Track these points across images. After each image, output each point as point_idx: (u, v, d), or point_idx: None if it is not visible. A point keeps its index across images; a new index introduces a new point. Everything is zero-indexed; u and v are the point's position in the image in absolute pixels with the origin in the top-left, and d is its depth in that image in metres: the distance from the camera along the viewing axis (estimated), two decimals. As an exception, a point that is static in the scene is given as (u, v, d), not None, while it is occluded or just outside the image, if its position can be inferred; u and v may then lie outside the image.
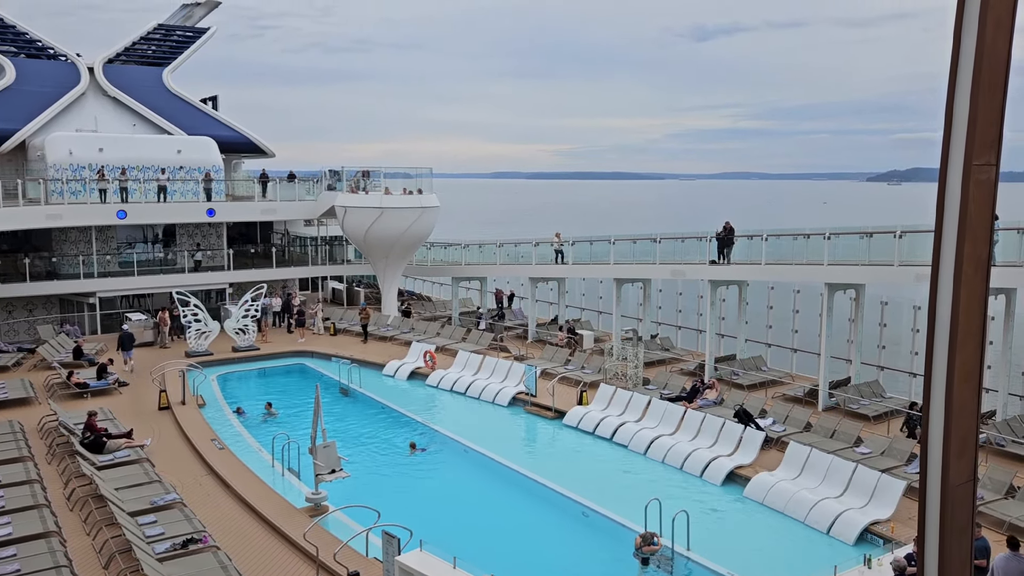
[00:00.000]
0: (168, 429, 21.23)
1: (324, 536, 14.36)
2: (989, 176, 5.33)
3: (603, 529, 16.09)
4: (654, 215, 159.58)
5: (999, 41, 5.17)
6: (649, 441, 20.06)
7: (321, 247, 39.65)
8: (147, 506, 15.14)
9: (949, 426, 5.52)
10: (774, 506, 16.51)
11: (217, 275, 35.17)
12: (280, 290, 36.60)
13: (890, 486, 15.79)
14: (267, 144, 42.46)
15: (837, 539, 15.10)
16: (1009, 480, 15.87)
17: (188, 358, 27.96)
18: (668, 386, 24.12)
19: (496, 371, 26.25)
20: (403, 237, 33.32)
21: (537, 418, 23.33)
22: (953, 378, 5.46)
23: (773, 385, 24.86)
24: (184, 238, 36.50)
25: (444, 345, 29.98)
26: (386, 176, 35.81)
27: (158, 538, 13.68)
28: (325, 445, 16.52)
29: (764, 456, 18.74)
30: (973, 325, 5.53)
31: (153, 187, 34.05)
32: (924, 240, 20.58)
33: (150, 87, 40.60)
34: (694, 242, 27.77)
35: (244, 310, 30.11)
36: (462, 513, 17.04)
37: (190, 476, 17.88)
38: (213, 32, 44.97)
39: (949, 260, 5.39)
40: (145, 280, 33.38)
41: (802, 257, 24.12)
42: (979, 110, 5.19)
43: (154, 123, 38.86)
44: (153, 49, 43.25)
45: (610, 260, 30.07)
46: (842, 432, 19.31)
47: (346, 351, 29.69)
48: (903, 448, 17.88)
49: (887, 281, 22.65)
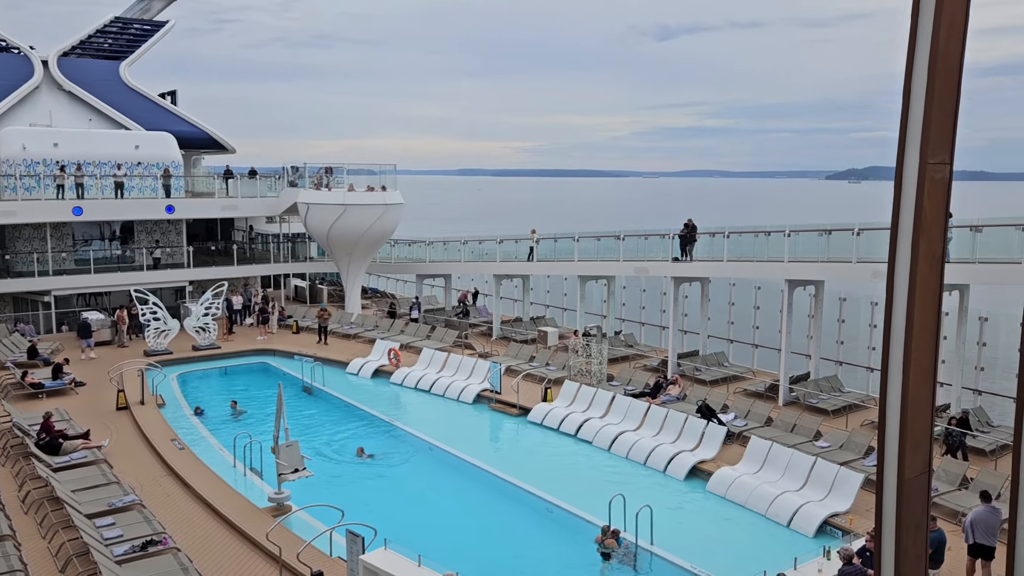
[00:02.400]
0: (126, 430, 20.86)
1: (287, 536, 14.22)
2: (943, 174, 5.45)
3: (567, 525, 16.17)
4: (618, 212, 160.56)
5: (952, 44, 5.29)
6: (613, 437, 20.19)
7: (283, 244, 39.23)
8: (105, 508, 14.86)
9: (905, 420, 5.64)
10: (736, 500, 16.74)
11: (177, 273, 34.59)
12: (241, 288, 36.13)
13: (848, 479, 16.09)
14: (228, 140, 41.87)
15: (797, 532, 15.35)
16: (963, 472, 16.26)
17: (147, 357, 27.49)
18: (632, 382, 24.30)
19: (461, 368, 26.22)
20: (367, 234, 33.10)
21: (502, 415, 23.35)
22: (908, 373, 5.58)
23: (735, 381, 25.17)
24: (142, 235, 35.85)
25: (409, 343, 29.87)
26: (349, 173, 35.56)
27: (116, 540, 13.44)
28: (288, 444, 16.36)
29: (726, 451, 18.97)
30: (928, 320, 5.66)
31: (110, 183, 33.40)
32: (881, 237, 20.97)
33: (107, 81, 39.78)
34: (657, 239, 28.00)
35: (205, 308, 29.67)
36: (427, 511, 17.01)
37: (149, 477, 17.59)
38: (171, 26, 44.21)
39: (905, 257, 5.50)
40: (102, 278, 32.69)
41: (763, 254, 24.45)
42: (933, 110, 5.30)
43: (111, 118, 38.08)
44: (110, 42, 42.40)
45: (574, 257, 30.19)
46: (802, 426, 19.63)
47: (309, 349, 29.42)
48: (861, 442, 18.22)
49: (845, 278, 23.07)
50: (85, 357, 27.80)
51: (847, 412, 21.64)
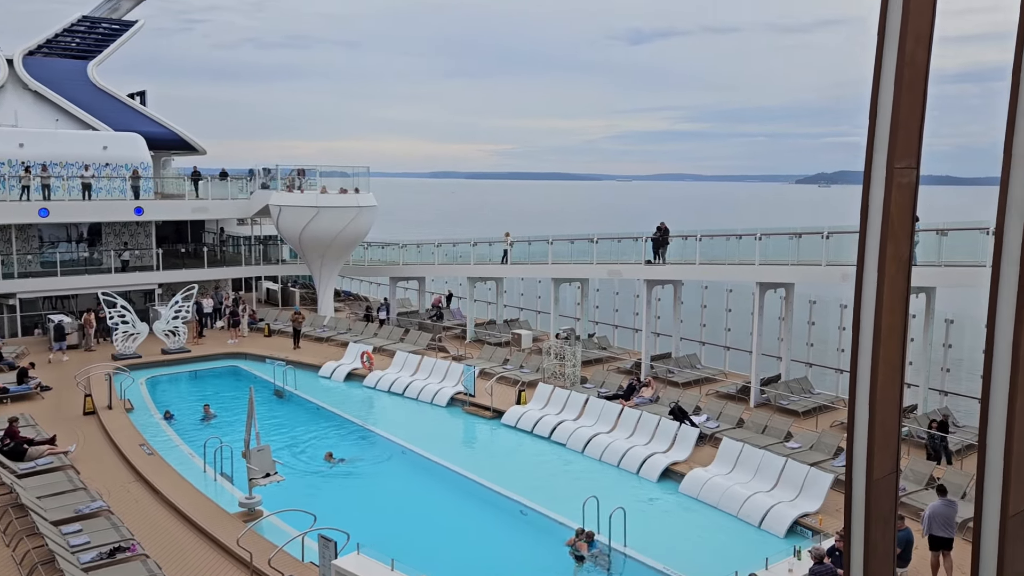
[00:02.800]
0: (94, 435, 20.53)
1: (258, 541, 14.08)
2: (910, 179, 5.54)
3: (541, 527, 16.18)
4: (592, 216, 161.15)
5: (919, 51, 5.38)
6: (586, 439, 20.25)
7: (255, 247, 38.88)
8: (71, 514, 14.61)
9: (873, 421, 5.73)
10: (708, 501, 16.86)
11: (145, 275, 34.13)
12: (212, 291, 35.76)
13: (818, 479, 16.28)
14: (198, 141, 41.44)
15: (768, 532, 15.50)
16: (929, 472, 16.52)
17: (115, 361, 27.11)
18: (605, 385, 24.39)
19: (434, 371, 26.15)
20: (340, 237, 32.91)
21: (475, 418, 23.32)
22: (877, 374, 5.67)
23: (707, 383, 25.36)
24: (111, 237, 35.35)
25: (382, 346, 29.73)
26: (322, 175, 35.34)
27: (83, 547, 13.22)
28: (259, 449, 16.21)
29: (698, 452, 19.11)
30: (895, 322, 5.75)
31: (77, 184, 32.90)
32: (850, 240, 21.25)
33: (74, 81, 39.21)
34: (630, 242, 28.17)
35: (174, 311, 29.32)
36: (400, 515, 16.92)
37: (117, 483, 17.32)
38: (141, 25, 43.70)
39: (873, 259, 5.58)
40: (69, 281, 32.17)
41: (735, 257, 24.69)
42: (901, 116, 5.39)
43: (78, 118, 37.52)
44: (77, 42, 41.81)
45: (548, 260, 30.26)
46: (773, 428, 19.83)
47: (281, 353, 29.18)
48: (831, 442, 18.44)
49: (815, 280, 23.35)
50: (56, 360, 27.46)
51: (817, 413, 21.89)
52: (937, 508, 13.10)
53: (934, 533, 13.03)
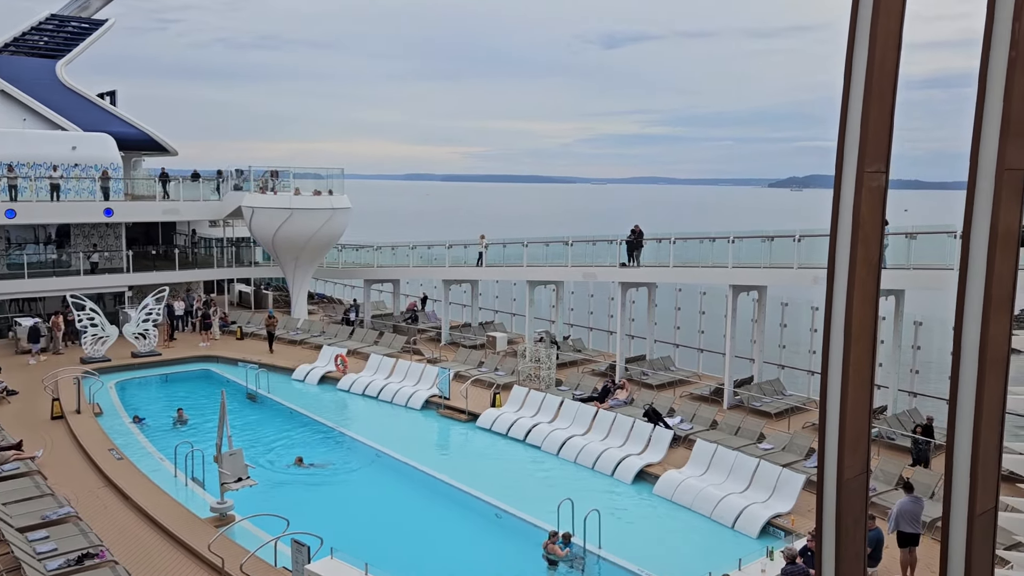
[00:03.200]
0: (62, 440, 20.21)
1: (230, 547, 13.93)
2: (880, 182, 5.61)
3: (516, 530, 16.17)
4: (567, 218, 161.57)
5: (888, 57, 5.46)
6: (561, 442, 20.28)
7: (227, 248, 38.48)
8: (38, 521, 14.35)
9: (844, 422, 5.79)
10: (682, 502, 16.95)
11: (115, 277, 33.62)
12: (184, 293, 35.36)
13: (790, 480, 16.44)
14: (169, 142, 40.96)
15: (742, 533, 15.61)
16: (899, 472, 16.74)
17: (84, 365, 26.70)
18: (580, 387, 24.45)
19: (409, 374, 26.05)
20: (313, 239, 32.69)
21: (450, 421, 23.26)
22: (847, 376, 5.73)
23: (681, 384, 25.51)
24: (80, 239, 34.81)
25: (356, 348, 29.57)
26: (296, 176, 35.08)
27: (50, 554, 13.00)
28: (231, 453, 16.04)
29: (672, 454, 19.21)
30: (865, 325, 5.81)
31: (45, 185, 32.38)
32: (821, 243, 21.49)
33: (42, 80, 38.57)
34: (605, 245, 28.28)
35: (145, 314, 28.95)
36: (374, 519, 16.84)
37: (86, 488, 17.06)
38: (111, 24, 43.11)
39: (844, 262, 5.65)
40: (36, 283, 31.61)
41: (708, 260, 24.87)
42: (870, 121, 5.47)
43: (47, 118, 36.90)
44: (46, 40, 41.15)
45: (523, 263, 30.28)
46: (746, 429, 19.98)
47: (254, 356, 28.91)
48: (803, 443, 18.63)
49: (787, 283, 23.59)
50: (35, 361, 27.42)
51: (789, 415, 22.10)
52: (905, 505, 13.33)
53: (902, 529, 13.24)
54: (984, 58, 5.22)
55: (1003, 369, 5.63)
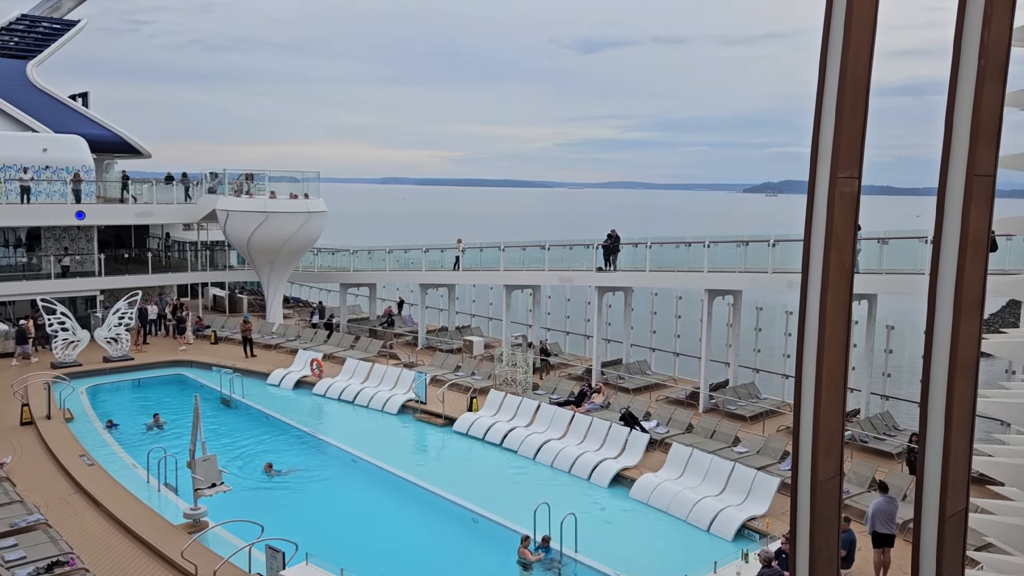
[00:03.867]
0: (31, 446, 19.88)
1: (204, 553, 13.78)
2: (852, 188, 5.68)
3: (493, 535, 16.14)
4: (544, 223, 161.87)
5: (860, 65, 5.53)
6: (538, 446, 20.28)
7: (201, 252, 38.10)
8: (7, 528, 14.09)
9: (818, 426, 5.84)
10: (658, 506, 17.02)
11: (87, 281, 33.16)
12: (156, 297, 34.96)
13: (765, 483, 16.56)
14: (143, 144, 40.52)
15: (717, 535, 15.70)
16: (872, 474, 16.92)
17: (54, 369, 26.29)
18: (557, 391, 24.48)
19: (385, 379, 25.94)
20: (289, 242, 32.47)
21: (427, 425, 23.19)
22: (821, 380, 5.79)
23: (657, 388, 25.63)
24: (50, 242, 34.31)
25: (332, 353, 29.40)
26: (271, 180, 34.84)
27: (19, 563, 12.78)
28: (205, 458, 15.87)
29: (649, 457, 19.29)
30: (839, 329, 5.88)
31: (15, 187, 31.89)
32: (795, 248, 21.73)
33: (12, 81, 38.02)
34: (582, 249, 28.37)
35: (118, 318, 28.58)
36: (350, 524, 16.75)
37: (56, 495, 16.79)
38: (83, 25, 42.59)
39: (817, 267, 5.71)
40: (6, 287, 31.10)
41: (684, 264, 25.03)
42: (843, 128, 5.54)
43: (17, 119, 36.36)
44: (16, 41, 40.56)
45: (500, 267, 30.29)
46: (721, 432, 20.11)
47: (228, 360, 28.64)
48: (777, 447, 18.78)
49: (762, 287, 23.82)
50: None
51: (764, 418, 22.28)
52: (880, 504, 13.51)
53: (877, 530, 13.39)
54: (954, 66, 5.31)
55: (973, 372, 5.72)
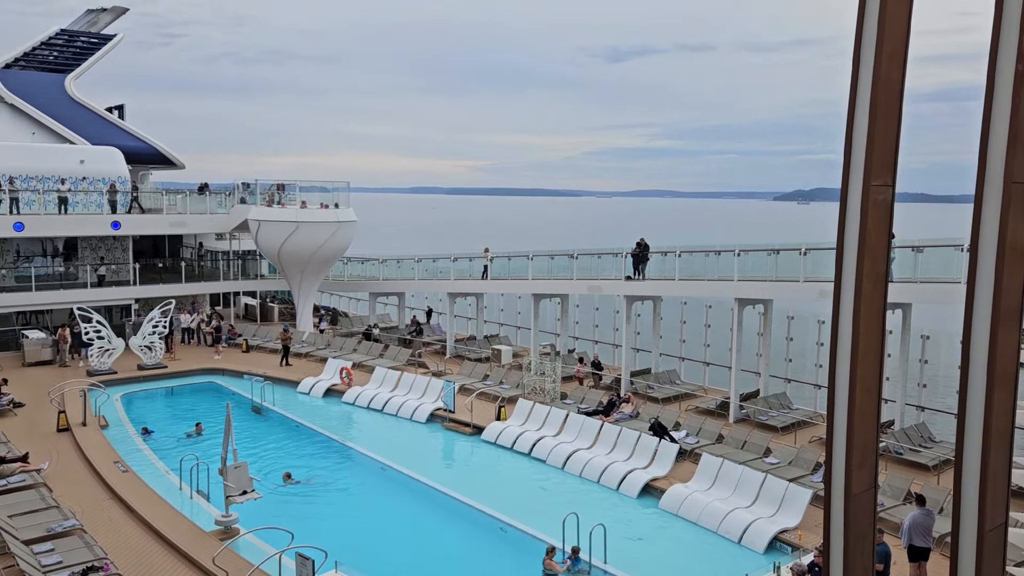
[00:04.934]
0: (67, 452, 20.21)
1: (235, 560, 13.89)
2: (886, 196, 5.60)
3: (521, 544, 16.08)
4: (572, 231, 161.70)
5: (893, 70, 5.46)
6: (566, 455, 20.20)
7: (234, 261, 38.59)
8: (43, 533, 14.35)
9: (851, 437, 5.75)
10: (688, 517, 16.85)
11: (122, 290, 33.74)
12: (189, 306, 35.44)
13: (797, 495, 16.33)
14: (177, 155, 41.18)
15: (748, 548, 15.50)
16: (907, 487, 16.62)
17: (90, 377, 26.74)
18: (585, 400, 24.38)
19: (414, 387, 26.02)
20: (319, 252, 32.77)
21: (455, 434, 23.21)
22: (855, 390, 5.70)
23: (686, 398, 25.43)
24: (87, 252, 34.97)
25: (361, 361, 29.56)
26: (302, 190, 35.22)
27: (55, 567, 12.98)
28: (236, 466, 16.02)
29: (678, 468, 19.12)
30: (872, 338, 5.79)
31: (53, 198, 32.57)
32: (827, 257, 21.47)
33: (51, 94, 38.90)
34: (610, 258, 28.27)
35: (152, 326, 29.00)
36: (379, 532, 16.78)
37: (91, 501, 17.04)
38: (119, 39, 43.48)
39: (850, 276, 5.63)
40: (44, 295, 31.74)
41: (714, 273, 24.84)
42: (876, 135, 5.46)
43: (55, 132, 37.17)
44: (55, 55, 41.53)
45: (528, 276, 30.29)
46: (752, 443, 19.89)
47: (259, 368, 28.91)
48: (809, 458, 18.53)
49: (793, 296, 23.54)
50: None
51: (796, 429, 22.00)
52: (916, 517, 13.28)
53: (913, 544, 13.14)
54: (990, 71, 5.22)
55: (1012, 383, 5.60)
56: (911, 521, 13.27)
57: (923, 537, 13.15)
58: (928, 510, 13.56)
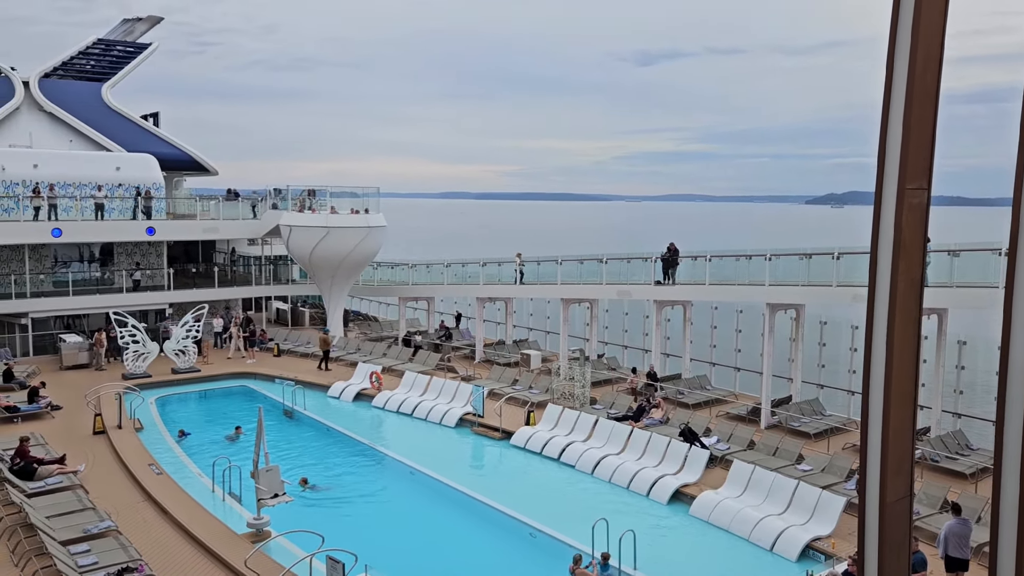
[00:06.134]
0: (103, 454, 20.55)
1: (266, 562, 14.02)
2: (921, 200, 5.51)
3: (550, 549, 16.04)
4: (601, 236, 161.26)
5: (929, 73, 5.38)
6: (596, 461, 20.12)
7: (265, 267, 39.03)
8: (80, 534, 14.59)
9: (886, 444, 5.66)
10: (719, 524, 16.70)
11: (157, 295, 34.30)
12: (223, 311, 35.89)
13: (830, 503, 16.11)
14: (210, 162, 41.77)
15: (780, 556, 15.32)
16: (943, 495, 16.33)
17: (125, 380, 27.17)
18: (615, 405, 24.28)
19: (443, 392, 26.10)
20: (349, 257, 33.01)
21: (484, 439, 23.23)
22: (890, 397, 5.61)
23: (717, 404, 25.21)
24: (122, 257, 35.57)
25: (391, 366, 29.71)
26: (332, 195, 35.54)
27: (91, 568, 13.19)
28: (268, 469, 16.17)
29: (709, 474, 18.95)
30: (908, 344, 5.70)
31: (90, 204, 33.18)
32: (861, 261, 21.19)
33: (88, 103, 39.67)
34: (640, 263, 28.14)
35: (185, 331, 29.41)
36: (408, 536, 16.83)
37: (126, 503, 17.30)
38: (154, 48, 44.23)
39: (885, 281, 5.54)
40: (80, 300, 32.35)
41: (744, 278, 24.62)
42: (911, 137, 5.38)
43: (92, 139, 37.92)
44: (92, 64, 42.33)
45: (557, 280, 30.25)
46: (784, 450, 19.66)
47: (290, 372, 29.18)
48: (843, 465, 18.27)
49: (826, 301, 23.26)
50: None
51: (829, 435, 21.71)
52: (953, 527, 13.01)
53: (950, 554, 12.87)
54: (1029, 73, 5.11)
55: (1052, 390, 5.47)
56: (948, 530, 13.02)
57: (960, 547, 12.89)
58: (965, 519, 13.28)
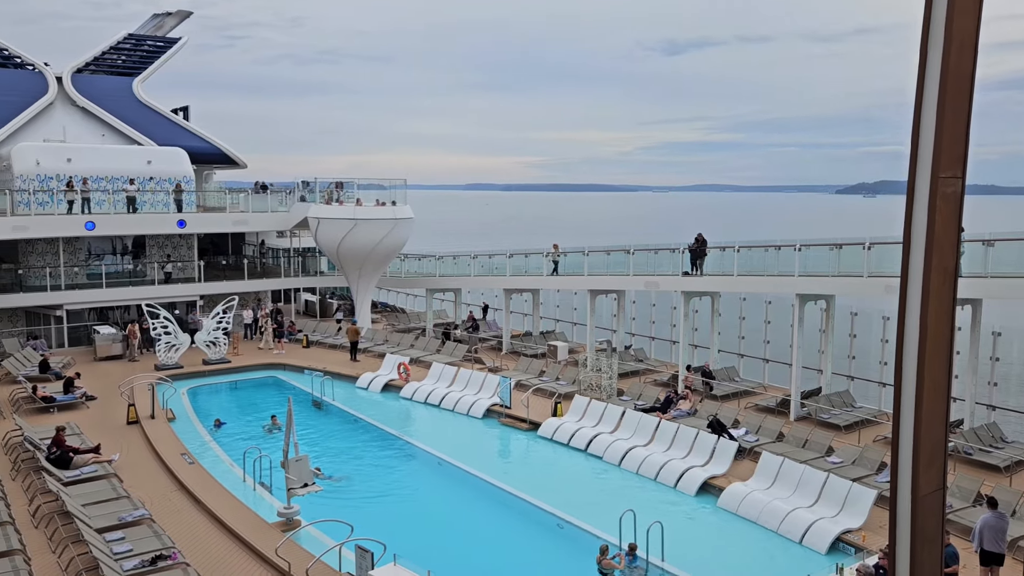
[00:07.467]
0: (137, 444, 20.90)
1: (296, 551, 14.19)
2: (956, 189, 5.42)
3: (578, 540, 16.06)
4: (628, 227, 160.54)
5: (963, 59, 5.28)
6: (623, 452, 20.09)
7: (294, 259, 39.36)
8: (115, 522, 14.86)
9: (919, 436, 5.59)
10: (748, 516, 16.60)
11: (188, 287, 34.76)
12: (253, 303, 36.27)
13: (861, 495, 15.94)
14: (239, 155, 42.15)
15: (810, 548, 15.19)
16: (977, 488, 16.08)
17: (157, 371, 27.58)
18: (642, 397, 24.20)
19: (471, 383, 26.18)
20: (377, 249, 33.19)
21: (512, 430, 23.29)
22: (922, 388, 5.53)
23: (746, 395, 25.03)
24: (154, 250, 36.08)
25: (418, 357, 29.86)
26: (359, 188, 35.70)
27: (126, 555, 13.44)
28: (297, 459, 16.35)
29: (737, 466, 18.84)
30: (941, 336, 5.61)
31: (122, 198, 33.66)
32: (893, 251, 20.88)
33: (120, 97, 40.18)
34: (667, 254, 27.95)
35: (216, 322, 29.77)
36: (436, 526, 16.94)
37: (159, 491, 17.60)
38: (184, 42, 44.65)
39: (918, 271, 5.47)
40: (114, 292, 32.90)
41: (773, 269, 24.36)
42: (945, 125, 5.29)
43: (124, 133, 38.43)
44: (123, 59, 42.85)
45: (584, 272, 30.17)
46: (814, 442, 19.48)
47: (319, 363, 29.45)
48: (874, 458, 18.07)
49: (857, 292, 22.94)
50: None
51: (859, 427, 21.47)
52: (988, 521, 12.81)
53: (985, 548, 12.69)
54: (1067, 58, 5.00)
55: (1090, 382, 5.37)
56: (983, 524, 12.82)
57: (995, 541, 12.69)
58: (1001, 513, 13.07)
